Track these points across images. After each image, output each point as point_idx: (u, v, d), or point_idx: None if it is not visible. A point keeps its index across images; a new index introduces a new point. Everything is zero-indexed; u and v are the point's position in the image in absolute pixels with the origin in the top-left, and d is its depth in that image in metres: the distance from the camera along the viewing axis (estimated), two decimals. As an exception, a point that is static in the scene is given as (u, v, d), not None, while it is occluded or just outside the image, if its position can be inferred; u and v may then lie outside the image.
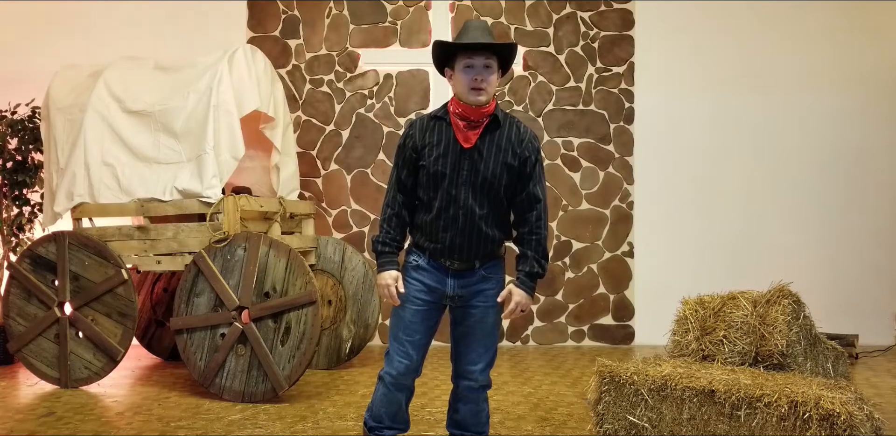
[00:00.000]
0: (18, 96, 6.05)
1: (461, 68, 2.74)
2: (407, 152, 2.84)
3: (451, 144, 2.76)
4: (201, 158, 4.73)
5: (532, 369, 5.41)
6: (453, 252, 2.80)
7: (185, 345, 4.61)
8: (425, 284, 2.86)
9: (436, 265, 2.84)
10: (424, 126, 2.83)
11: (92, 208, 5.01)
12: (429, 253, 2.84)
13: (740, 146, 6.44)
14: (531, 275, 2.83)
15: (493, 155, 2.76)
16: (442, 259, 2.83)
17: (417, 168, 2.81)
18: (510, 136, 2.80)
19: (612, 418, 3.31)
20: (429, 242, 2.83)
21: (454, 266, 2.83)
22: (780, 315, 3.49)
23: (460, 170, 2.75)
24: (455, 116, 2.77)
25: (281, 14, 6.49)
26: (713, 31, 6.44)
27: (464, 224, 2.77)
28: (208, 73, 4.86)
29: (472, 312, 2.89)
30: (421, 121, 2.86)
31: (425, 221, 2.82)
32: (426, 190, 2.81)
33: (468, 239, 2.78)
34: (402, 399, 2.99)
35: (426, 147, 2.79)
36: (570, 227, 6.45)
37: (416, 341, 2.90)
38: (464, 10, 6.45)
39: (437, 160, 2.76)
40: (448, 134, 2.78)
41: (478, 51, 2.70)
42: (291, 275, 4.42)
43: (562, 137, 6.46)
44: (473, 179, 2.75)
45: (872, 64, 6.38)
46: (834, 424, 2.75)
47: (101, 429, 3.94)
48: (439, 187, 2.77)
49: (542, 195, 2.86)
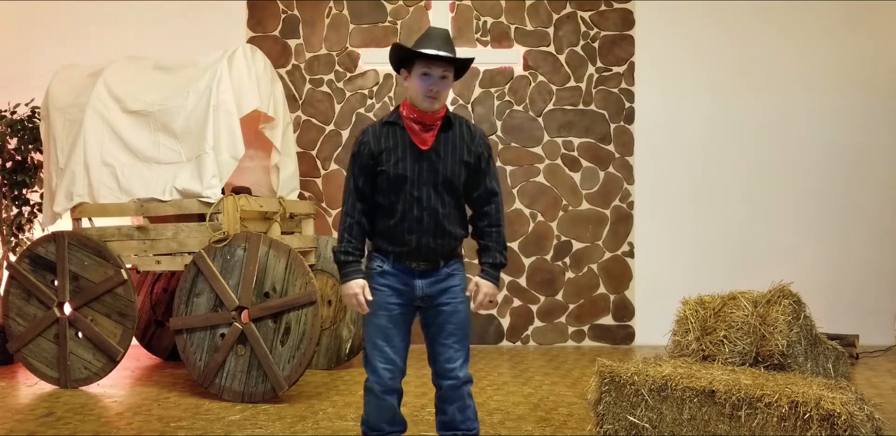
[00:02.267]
0: (18, 96, 6.05)
1: (418, 75, 2.79)
2: (363, 159, 2.85)
3: (409, 147, 2.82)
4: (201, 158, 4.73)
5: (532, 370, 5.40)
6: (420, 253, 2.85)
7: (185, 345, 4.60)
8: (394, 288, 2.89)
9: (401, 268, 2.88)
10: (378, 132, 2.86)
11: (91, 208, 5.00)
12: (393, 257, 2.88)
13: (740, 146, 6.44)
14: (495, 266, 2.92)
15: (450, 154, 2.85)
16: (408, 262, 2.87)
17: (375, 174, 2.84)
18: (462, 135, 2.89)
19: (613, 418, 3.30)
20: (393, 246, 2.86)
21: (420, 268, 2.88)
22: (780, 315, 3.49)
23: (420, 171, 2.81)
24: (409, 121, 2.83)
25: (281, 14, 6.49)
26: (713, 31, 6.44)
27: (429, 224, 2.83)
28: (208, 73, 4.86)
29: (442, 310, 2.92)
30: (373, 128, 2.89)
31: (389, 225, 2.85)
32: (387, 195, 2.84)
33: (434, 239, 2.84)
34: (395, 403, 3.01)
35: (383, 152, 2.82)
36: (571, 227, 6.45)
37: (396, 345, 2.92)
38: (464, 9, 6.45)
39: (397, 164, 2.80)
40: (403, 138, 2.83)
41: (437, 61, 2.76)
42: (291, 275, 4.42)
43: (562, 137, 6.46)
44: (434, 179, 2.82)
45: (873, 64, 6.38)
46: (834, 424, 2.75)
47: (100, 429, 3.94)
48: (401, 190, 2.82)
49: (498, 189, 2.96)
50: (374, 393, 2.96)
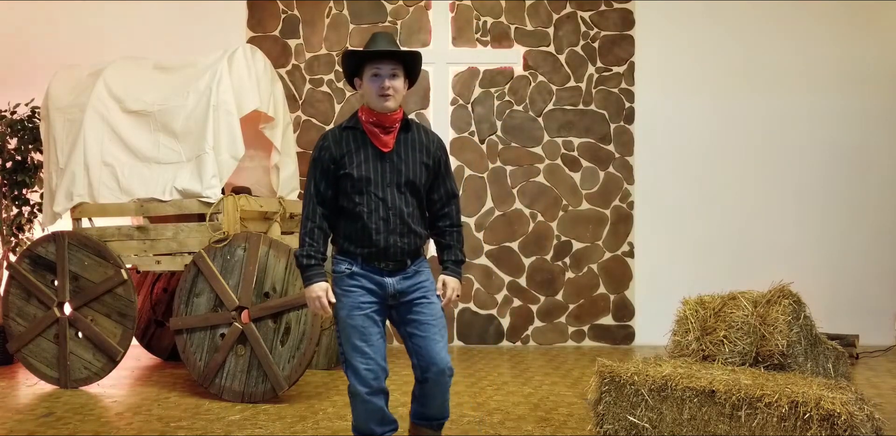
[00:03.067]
0: (18, 96, 6.05)
1: (369, 77, 2.86)
2: (324, 164, 2.91)
3: (371, 149, 2.90)
4: (201, 158, 4.73)
5: (532, 370, 5.40)
6: (388, 253, 2.91)
7: (185, 345, 4.60)
8: (365, 288, 2.93)
9: (370, 269, 2.93)
10: (338, 137, 2.92)
11: (91, 208, 5.00)
12: (361, 258, 2.93)
13: (740, 146, 6.44)
14: (458, 263, 3.08)
15: (411, 156, 2.94)
16: (376, 262, 2.93)
17: (337, 178, 2.90)
18: (420, 138, 2.99)
19: (613, 418, 3.30)
20: (361, 248, 2.91)
21: (389, 267, 2.94)
22: (780, 315, 3.49)
23: (384, 173, 2.89)
24: (369, 124, 2.90)
25: (281, 14, 6.49)
26: (713, 30, 6.44)
27: (395, 224, 2.90)
28: (208, 72, 4.86)
29: (416, 303, 3.00)
30: (333, 133, 2.95)
31: (355, 227, 2.90)
32: (350, 197, 2.89)
33: (401, 238, 2.91)
34: (382, 404, 3.02)
35: (345, 156, 2.89)
36: (571, 227, 6.45)
37: (375, 344, 2.95)
38: (464, 9, 6.45)
39: (360, 166, 2.87)
40: (364, 141, 2.91)
41: (384, 59, 2.84)
42: (291, 275, 4.42)
43: (562, 137, 6.46)
44: (398, 180, 2.90)
45: (874, 63, 6.37)
46: (834, 424, 2.75)
47: (100, 429, 3.94)
48: (365, 192, 2.88)
49: (457, 191, 3.13)
50: (360, 397, 2.95)
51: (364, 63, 2.87)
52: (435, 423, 3.18)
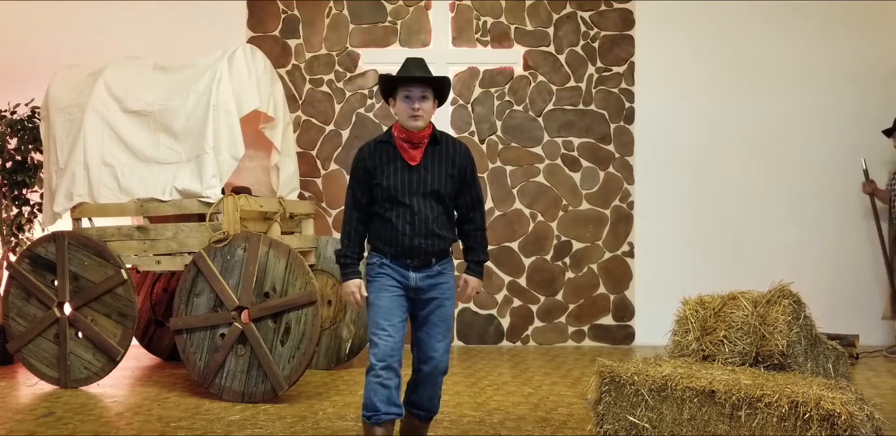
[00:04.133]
0: (18, 96, 6.05)
1: (401, 98, 3.18)
2: (360, 175, 3.23)
3: (400, 162, 3.19)
4: (201, 158, 4.73)
5: (532, 370, 5.40)
6: (413, 252, 3.19)
7: (185, 345, 4.60)
8: (393, 276, 3.23)
9: (398, 263, 3.22)
10: (373, 151, 3.23)
11: (91, 208, 5.01)
12: (391, 255, 3.22)
13: (740, 146, 6.44)
14: (479, 263, 3.38)
15: (437, 168, 3.23)
16: (403, 259, 3.21)
17: (370, 187, 3.21)
18: (448, 151, 3.26)
19: (613, 418, 3.30)
20: (390, 247, 3.21)
21: (414, 263, 3.22)
22: (780, 315, 3.49)
23: (410, 183, 3.18)
24: (400, 140, 3.20)
25: (281, 14, 6.49)
26: (713, 31, 6.44)
27: (419, 227, 3.18)
28: (208, 73, 4.86)
29: (431, 303, 3.27)
30: (369, 147, 3.26)
31: (386, 229, 3.21)
32: (382, 204, 3.20)
33: (424, 239, 3.20)
34: (392, 384, 3.20)
35: (377, 168, 3.19)
36: (571, 227, 6.45)
37: (396, 324, 3.21)
38: (464, 9, 6.45)
39: (390, 177, 3.17)
40: (395, 155, 3.20)
41: (414, 83, 3.17)
42: (291, 275, 4.42)
43: (562, 137, 6.46)
44: (423, 189, 3.19)
45: (873, 64, 6.37)
46: (834, 424, 2.75)
47: (100, 429, 3.94)
48: (394, 200, 3.17)
49: (482, 198, 3.41)
50: (375, 371, 3.17)
51: (397, 85, 3.19)
52: (423, 414, 3.43)
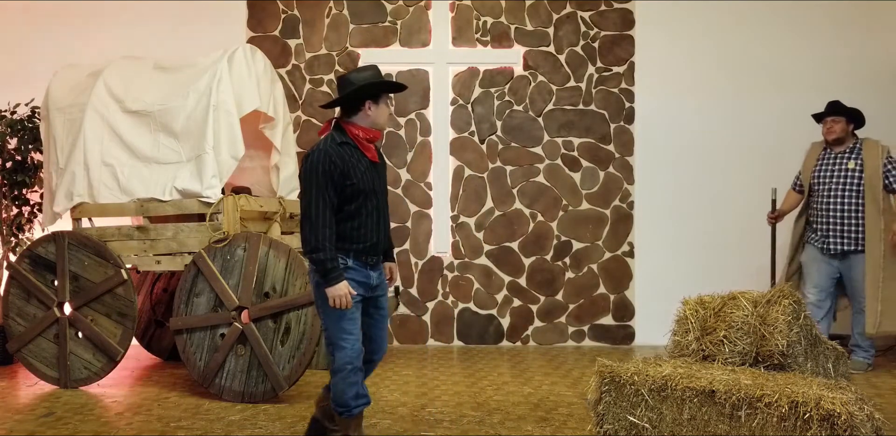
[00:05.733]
0: (18, 96, 6.05)
1: (385, 103, 3.43)
2: (335, 176, 3.26)
3: (365, 161, 3.37)
4: (201, 158, 4.73)
5: (532, 370, 5.40)
6: (374, 249, 3.41)
7: (185, 345, 4.60)
8: (357, 281, 3.35)
9: (359, 263, 3.38)
10: (340, 152, 3.31)
11: (91, 208, 5.01)
12: (353, 254, 3.35)
13: (740, 146, 6.44)
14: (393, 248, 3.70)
15: (384, 166, 3.55)
16: (364, 257, 3.38)
17: (343, 188, 3.29)
18: (379, 151, 3.55)
19: (613, 418, 3.30)
20: (354, 244, 3.35)
21: (372, 261, 3.43)
22: (780, 315, 3.49)
23: (374, 181, 3.40)
24: (364, 140, 3.38)
25: (281, 14, 6.49)
26: (713, 31, 6.43)
27: (380, 224, 3.43)
28: (208, 72, 4.86)
29: (380, 298, 3.53)
30: (333, 149, 3.31)
31: (352, 227, 3.34)
32: (351, 202, 3.32)
33: (384, 235, 3.47)
34: (359, 380, 3.40)
35: (351, 168, 3.30)
36: (571, 227, 6.45)
37: (357, 329, 3.37)
38: (464, 9, 6.45)
39: (363, 176, 3.33)
40: (359, 155, 3.36)
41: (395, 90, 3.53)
42: (291, 275, 4.42)
43: (562, 137, 6.46)
44: (381, 187, 3.46)
45: (874, 64, 6.37)
46: (834, 424, 2.75)
47: (100, 429, 3.94)
48: (364, 198, 3.34)
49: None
50: (346, 371, 3.33)
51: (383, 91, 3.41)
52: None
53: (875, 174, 5.21)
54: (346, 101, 3.39)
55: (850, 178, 5.27)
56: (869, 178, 5.22)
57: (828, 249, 5.30)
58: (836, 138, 5.36)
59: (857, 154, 5.32)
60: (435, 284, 6.44)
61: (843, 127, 5.36)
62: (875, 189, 5.19)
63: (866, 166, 5.24)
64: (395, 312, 6.40)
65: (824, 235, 5.33)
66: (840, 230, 5.26)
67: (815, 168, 5.45)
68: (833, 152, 5.41)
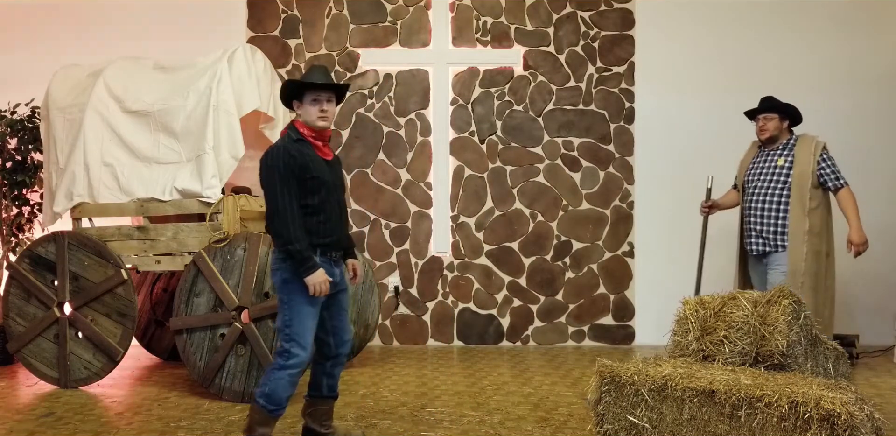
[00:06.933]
0: (18, 96, 6.05)
1: (309, 102, 3.43)
2: (296, 171, 3.32)
3: (319, 158, 3.45)
4: (201, 158, 4.73)
5: (532, 370, 5.40)
6: (338, 244, 3.49)
7: (185, 345, 4.60)
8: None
9: (325, 259, 3.43)
10: (297, 149, 3.39)
11: (91, 208, 5.01)
12: (320, 249, 3.41)
13: (740, 146, 6.42)
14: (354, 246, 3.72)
15: (338, 164, 3.62)
16: (329, 252, 3.45)
17: (304, 182, 3.34)
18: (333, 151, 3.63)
19: (613, 418, 3.30)
20: (320, 239, 3.40)
21: (334, 257, 3.49)
22: (780, 315, 3.49)
23: (332, 177, 3.47)
24: (311, 138, 3.45)
25: (281, 14, 6.49)
26: (713, 31, 6.43)
27: (341, 220, 3.52)
28: (208, 72, 4.86)
29: (341, 293, 3.57)
30: (290, 146, 3.39)
31: (317, 221, 3.40)
32: (314, 196, 3.38)
33: (343, 230, 3.55)
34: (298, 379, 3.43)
35: (310, 163, 3.37)
36: (571, 227, 6.45)
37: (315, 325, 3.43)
38: (464, 9, 6.45)
39: (321, 171, 3.41)
40: (313, 151, 3.44)
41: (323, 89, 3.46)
42: (291, 275, 4.41)
43: (562, 137, 6.46)
44: (339, 183, 3.54)
45: (875, 64, 6.37)
46: (834, 424, 2.75)
47: (100, 429, 3.94)
48: (326, 193, 3.41)
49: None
50: (294, 369, 3.35)
51: (305, 90, 3.43)
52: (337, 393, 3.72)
53: (805, 172, 4.74)
54: (284, 102, 3.55)
55: (777, 175, 4.83)
56: (797, 175, 4.76)
57: (752, 250, 4.91)
58: (769, 137, 4.93)
59: (788, 150, 4.87)
60: (435, 284, 6.44)
61: (776, 125, 4.91)
62: (802, 188, 4.73)
63: (796, 163, 4.78)
64: (396, 312, 6.40)
65: (748, 235, 4.93)
66: (763, 231, 4.84)
67: (749, 166, 5.06)
68: (766, 150, 4.99)
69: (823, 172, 4.78)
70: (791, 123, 4.99)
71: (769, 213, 4.82)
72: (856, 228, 4.77)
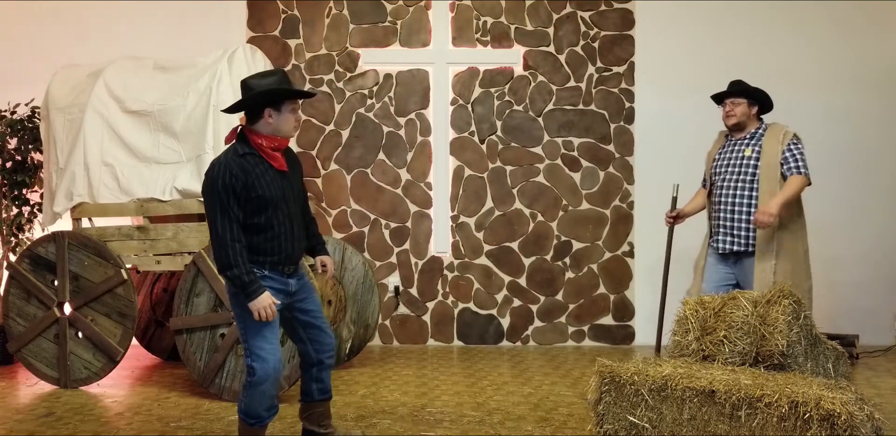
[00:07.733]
0: (18, 96, 6.04)
1: (289, 110, 3.30)
2: (237, 190, 3.18)
3: (272, 171, 3.29)
4: (201, 158, 4.73)
5: (532, 370, 5.40)
6: (291, 258, 3.39)
7: (185, 345, 4.60)
8: (275, 289, 3.31)
9: (275, 273, 3.34)
10: (241, 166, 3.22)
11: (91, 208, 5.01)
12: (269, 265, 3.32)
13: (740, 146, 6.43)
14: (324, 243, 3.73)
15: (294, 172, 3.44)
16: (280, 267, 3.35)
17: (246, 201, 3.21)
18: (291, 156, 3.48)
19: (613, 418, 3.30)
20: (268, 257, 3.31)
21: (290, 271, 3.40)
22: (780, 315, 3.49)
23: (284, 189, 3.32)
24: (269, 149, 3.28)
25: (281, 14, 6.49)
26: (713, 31, 6.43)
27: (295, 232, 3.39)
28: (208, 72, 4.86)
29: (306, 299, 3.51)
30: (234, 162, 3.21)
31: (265, 238, 3.29)
32: (260, 214, 3.25)
33: (299, 243, 3.43)
34: (275, 391, 3.38)
35: (255, 179, 3.22)
36: (570, 227, 6.45)
37: (276, 339, 3.33)
38: (464, 9, 6.45)
39: (269, 187, 3.25)
40: (264, 164, 3.28)
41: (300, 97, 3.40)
42: (291, 275, 4.41)
43: (562, 137, 6.45)
44: (293, 194, 3.39)
45: (875, 64, 6.36)
46: (834, 424, 2.75)
47: (100, 429, 3.94)
48: (274, 208, 3.28)
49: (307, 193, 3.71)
50: (266, 383, 3.27)
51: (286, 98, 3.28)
52: (329, 394, 3.69)
53: (772, 163, 4.31)
54: (247, 108, 3.30)
55: (745, 166, 4.41)
56: (766, 166, 4.33)
57: (720, 248, 4.50)
58: (737, 123, 4.48)
59: (756, 140, 4.44)
60: (435, 284, 6.44)
61: (743, 110, 4.46)
62: (772, 180, 4.30)
63: (764, 153, 4.35)
64: (396, 313, 6.40)
65: (715, 232, 4.56)
66: (730, 227, 4.44)
67: (715, 158, 4.66)
68: (734, 139, 4.56)
69: (787, 161, 4.31)
70: (760, 111, 4.56)
71: (738, 208, 4.41)
72: (778, 201, 4.18)
